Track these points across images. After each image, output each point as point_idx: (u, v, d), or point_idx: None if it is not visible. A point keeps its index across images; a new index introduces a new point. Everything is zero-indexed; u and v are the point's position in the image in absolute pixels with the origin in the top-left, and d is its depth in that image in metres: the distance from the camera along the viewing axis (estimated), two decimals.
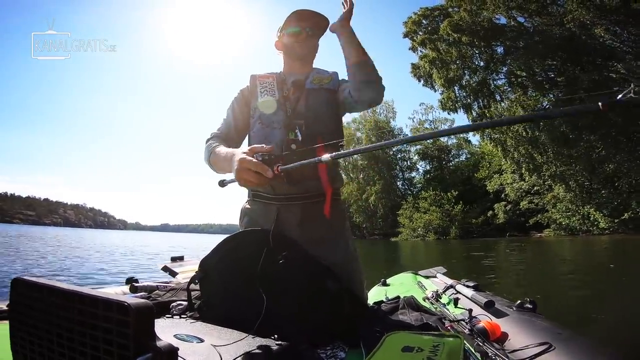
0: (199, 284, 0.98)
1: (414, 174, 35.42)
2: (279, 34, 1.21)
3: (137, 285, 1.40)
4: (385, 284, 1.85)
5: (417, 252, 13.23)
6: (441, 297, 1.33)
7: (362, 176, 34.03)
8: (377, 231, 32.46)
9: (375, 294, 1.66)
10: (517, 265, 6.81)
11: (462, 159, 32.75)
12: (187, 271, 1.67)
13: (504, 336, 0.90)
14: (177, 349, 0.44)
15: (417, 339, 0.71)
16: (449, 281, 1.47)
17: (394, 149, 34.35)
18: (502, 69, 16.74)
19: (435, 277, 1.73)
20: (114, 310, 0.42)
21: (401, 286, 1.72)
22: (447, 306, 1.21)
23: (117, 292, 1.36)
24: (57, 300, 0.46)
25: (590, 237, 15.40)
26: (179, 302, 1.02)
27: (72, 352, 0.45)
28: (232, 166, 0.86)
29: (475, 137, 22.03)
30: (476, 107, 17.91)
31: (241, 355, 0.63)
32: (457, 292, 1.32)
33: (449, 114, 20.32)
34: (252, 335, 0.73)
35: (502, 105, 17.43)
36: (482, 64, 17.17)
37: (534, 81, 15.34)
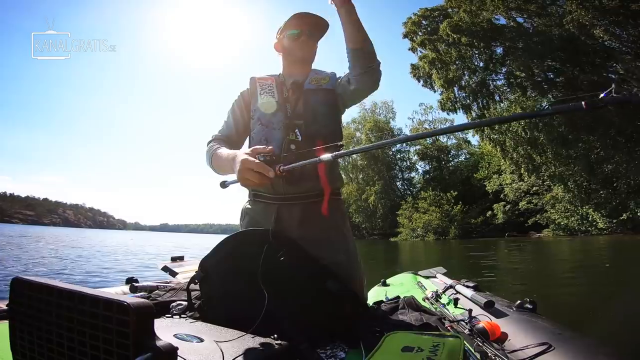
0: (198, 284, 0.98)
1: (413, 174, 35.43)
2: (279, 35, 1.22)
3: (137, 285, 1.40)
4: (385, 284, 1.85)
5: (417, 252, 13.23)
6: (441, 298, 1.33)
7: (361, 176, 34.03)
8: (376, 231, 32.42)
9: (375, 294, 1.66)
10: (516, 265, 6.81)
11: (461, 159, 32.76)
12: (187, 271, 1.66)
13: (504, 336, 0.90)
14: (176, 348, 0.44)
15: (417, 338, 0.71)
16: (449, 281, 1.47)
17: (393, 149, 34.37)
18: (502, 70, 16.75)
19: (435, 277, 1.73)
20: (114, 310, 0.42)
21: (401, 286, 1.72)
22: (447, 306, 1.22)
23: (117, 292, 1.35)
24: (57, 299, 0.46)
25: (588, 238, 15.42)
26: (178, 302, 1.02)
27: (72, 352, 0.45)
28: (234, 167, 0.87)
29: (474, 137, 22.03)
30: (475, 107, 17.91)
31: (241, 354, 0.63)
32: (457, 292, 1.32)
33: (448, 114, 20.34)
34: (252, 334, 0.73)
35: (501, 105, 17.45)
36: (481, 65, 17.17)
37: (533, 82, 15.35)
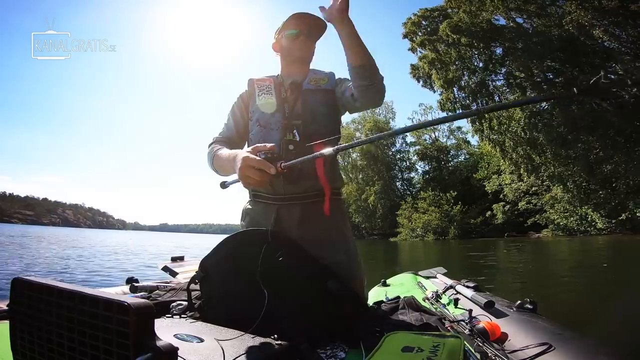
0: (199, 284, 0.98)
1: (413, 175, 35.48)
2: (277, 35, 1.22)
3: (137, 285, 1.40)
4: (385, 284, 1.85)
5: (416, 252, 13.23)
6: (441, 298, 1.33)
7: (361, 176, 34.05)
8: (376, 231, 32.43)
9: (375, 294, 1.66)
10: (516, 265, 6.82)
11: (460, 159, 32.79)
12: (188, 271, 1.66)
13: (504, 336, 0.90)
14: (177, 348, 0.44)
15: (417, 339, 0.71)
16: (449, 281, 1.47)
17: (392, 150, 34.59)
18: (501, 70, 16.76)
19: (435, 277, 1.73)
20: (114, 310, 0.42)
21: (401, 286, 1.72)
22: (447, 306, 1.21)
23: (117, 292, 1.35)
24: (57, 300, 0.46)
25: (587, 238, 15.45)
26: (179, 302, 1.01)
27: (72, 352, 0.45)
28: (235, 166, 0.86)
29: (474, 137, 22.00)
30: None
31: (241, 354, 0.63)
32: (457, 292, 1.32)
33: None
34: (252, 334, 0.73)
35: None
36: (481, 65, 17.17)
37: (532, 82, 15.36)
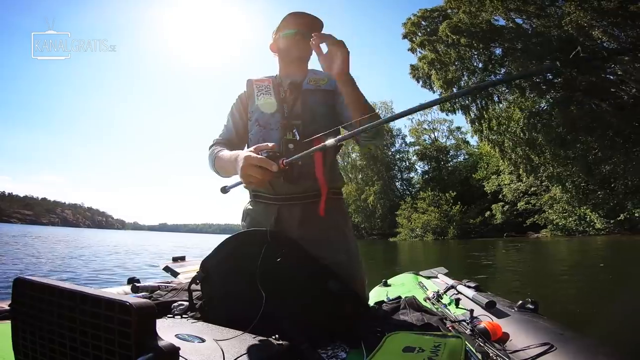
0: (200, 284, 0.97)
1: (412, 175, 35.57)
2: (274, 36, 1.21)
3: (138, 285, 1.40)
4: (386, 284, 1.85)
5: (416, 252, 13.24)
6: (442, 298, 1.33)
7: (360, 176, 34.09)
8: (375, 231, 32.46)
9: (376, 294, 1.66)
10: (515, 265, 6.83)
11: (460, 159, 32.85)
12: (189, 271, 1.66)
13: (505, 336, 0.90)
14: (178, 348, 0.44)
15: (418, 339, 0.71)
16: (450, 282, 1.47)
17: (392, 150, 34.72)
18: (501, 71, 16.77)
19: (436, 277, 1.73)
20: (116, 310, 0.42)
21: (402, 286, 1.72)
22: (448, 306, 1.21)
23: (118, 292, 1.35)
24: (59, 300, 0.46)
25: (586, 238, 15.49)
26: (180, 302, 1.01)
27: (74, 352, 0.45)
28: (236, 166, 0.86)
29: (473, 138, 22.04)
30: (474, 108, 17.96)
31: (242, 354, 0.63)
32: (458, 292, 1.31)
33: (447, 114, 20.41)
34: (253, 335, 0.72)
35: (500, 106, 17.49)
36: (480, 66, 17.20)
37: (531, 82, 15.38)
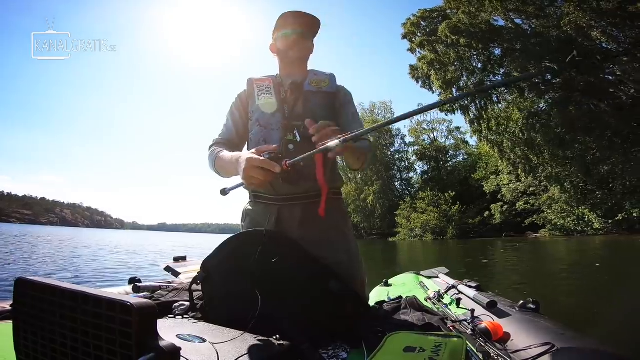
0: (201, 285, 0.97)
1: (411, 175, 35.57)
2: (273, 37, 1.21)
3: (139, 285, 1.40)
4: (387, 284, 1.85)
5: (415, 252, 13.25)
6: (443, 298, 1.32)
7: (360, 176, 34.06)
8: (374, 231, 32.47)
9: (377, 294, 1.66)
10: (514, 265, 6.84)
11: (459, 159, 32.88)
12: (190, 271, 1.65)
13: (507, 336, 0.89)
14: (179, 348, 0.44)
15: (419, 339, 0.71)
16: (451, 281, 1.47)
17: (391, 150, 34.78)
18: (500, 71, 16.81)
19: (437, 277, 1.73)
20: (117, 310, 0.41)
21: (403, 286, 1.72)
22: (449, 306, 1.21)
23: (120, 292, 1.35)
24: (60, 300, 0.46)
25: (584, 238, 15.51)
26: (181, 302, 1.01)
27: (75, 352, 0.45)
28: (238, 167, 0.85)
29: (472, 138, 22.06)
30: (474, 108, 17.99)
31: (243, 355, 0.63)
32: (459, 292, 1.31)
33: (446, 115, 20.44)
34: (254, 335, 0.72)
35: (499, 106, 17.53)
36: (479, 66, 17.24)
37: (530, 83, 15.41)
